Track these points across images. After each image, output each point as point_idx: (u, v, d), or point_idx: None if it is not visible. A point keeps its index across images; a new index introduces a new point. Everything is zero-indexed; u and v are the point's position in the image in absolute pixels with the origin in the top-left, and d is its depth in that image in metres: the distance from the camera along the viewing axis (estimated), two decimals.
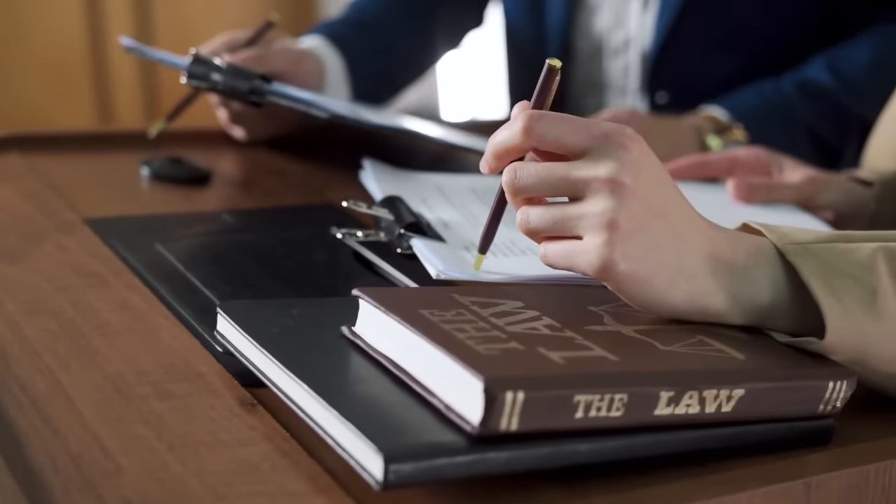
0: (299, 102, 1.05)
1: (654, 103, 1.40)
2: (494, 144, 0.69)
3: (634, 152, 0.66)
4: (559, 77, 0.70)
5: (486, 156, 0.70)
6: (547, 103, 0.70)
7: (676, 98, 1.38)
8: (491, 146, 0.69)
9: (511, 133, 0.68)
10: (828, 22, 1.35)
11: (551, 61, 0.70)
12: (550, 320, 0.64)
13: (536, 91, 0.70)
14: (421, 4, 1.42)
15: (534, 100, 0.70)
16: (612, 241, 0.64)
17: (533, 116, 0.67)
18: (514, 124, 0.68)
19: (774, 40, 1.35)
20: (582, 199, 0.66)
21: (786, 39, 1.35)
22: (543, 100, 0.70)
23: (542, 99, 0.70)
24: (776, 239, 0.68)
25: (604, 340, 0.62)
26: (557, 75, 0.70)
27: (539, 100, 0.70)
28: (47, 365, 0.68)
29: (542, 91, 0.70)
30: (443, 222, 0.87)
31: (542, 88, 0.70)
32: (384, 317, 0.62)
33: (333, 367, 0.62)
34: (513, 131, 0.68)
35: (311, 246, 0.89)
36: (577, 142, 0.66)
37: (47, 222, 0.93)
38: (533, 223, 0.68)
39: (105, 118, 2.75)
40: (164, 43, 1.18)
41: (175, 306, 0.77)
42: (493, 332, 0.60)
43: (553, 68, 0.70)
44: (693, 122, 1.21)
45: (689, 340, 0.64)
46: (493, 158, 0.70)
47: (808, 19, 1.35)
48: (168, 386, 0.65)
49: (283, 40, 1.25)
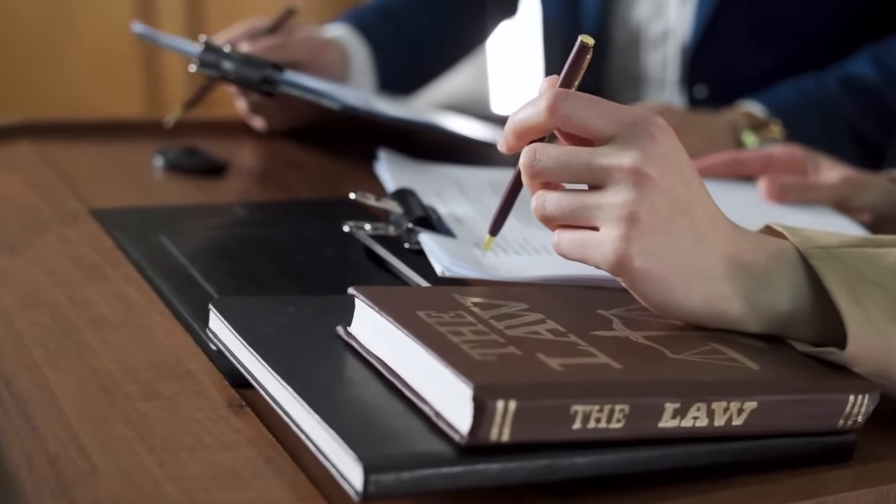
0: (311, 93, 1.03)
1: (692, 97, 1.37)
2: (515, 122, 0.66)
3: (663, 144, 0.63)
4: (591, 55, 0.67)
5: (506, 133, 0.67)
6: (576, 82, 0.67)
7: (716, 92, 1.35)
8: (511, 123, 0.66)
9: (534, 111, 0.65)
10: (872, 16, 1.31)
11: (584, 38, 0.67)
12: (555, 324, 0.62)
13: (565, 68, 0.67)
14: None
15: (562, 77, 0.67)
16: (630, 235, 0.62)
17: (559, 95, 0.64)
18: (539, 102, 0.65)
19: (816, 34, 1.32)
20: (603, 188, 0.63)
21: (827, 33, 1.32)
22: (572, 78, 0.67)
23: (570, 77, 0.67)
24: (799, 242, 0.65)
25: (609, 346, 0.59)
26: (589, 53, 0.67)
27: (568, 78, 0.67)
28: (35, 360, 0.67)
29: (572, 69, 0.67)
30: (455, 217, 0.85)
31: (571, 66, 0.67)
32: (378, 317, 0.60)
33: (324, 370, 0.60)
34: (536, 109, 0.65)
35: (322, 240, 0.88)
36: (604, 126, 0.63)
37: (52, 212, 0.91)
38: (549, 209, 0.65)
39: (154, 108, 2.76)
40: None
41: (173, 302, 0.75)
42: (491, 336, 0.58)
43: (585, 45, 0.67)
44: (729, 118, 1.18)
45: (701, 348, 0.62)
46: (512, 136, 0.67)
47: (853, 11, 1.31)
48: (156, 385, 0.64)
49: (305, 28, 1.23)
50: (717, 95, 1.34)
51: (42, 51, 2.62)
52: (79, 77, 2.66)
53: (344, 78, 1.23)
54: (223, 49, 1.05)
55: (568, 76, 0.67)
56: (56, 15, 2.64)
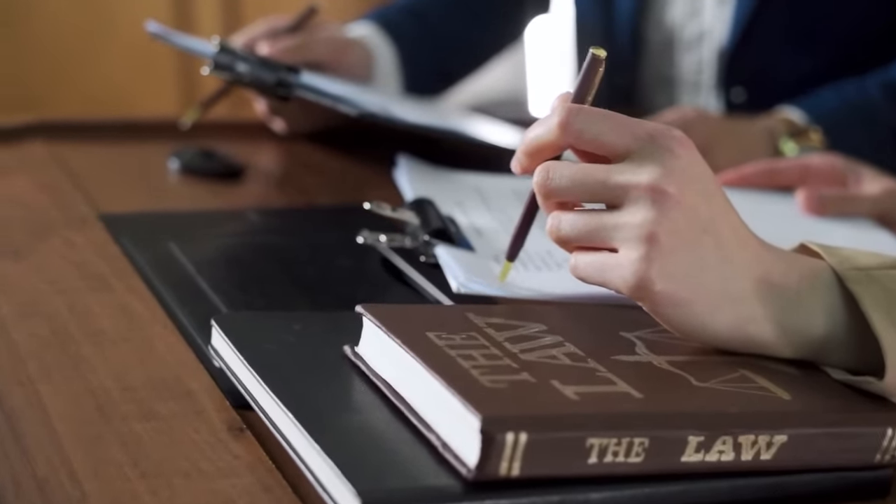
0: (328, 97, 1.01)
1: (729, 101, 1.33)
2: (528, 140, 0.64)
3: (682, 158, 0.60)
4: (603, 68, 0.65)
5: (518, 153, 0.65)
6: (589, 97, 0.65)
7: (753, 96, 1.31)
8: (524, 143, 0.64)
9: (546, 128, 0.63)
10: None
11: (595, 50, 0.64)
12: (573, 347, 0.59)
13: (577, 83, 0.65)
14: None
15: (574, 92, 0.65)
16: (650, 257, 0.59)
17: (571, 110, 0.62)
18: (550, 118, 0.62)
19: (856, 37, 1.29)
20: (620, 207, 0.61)
21: (868, 37, 1.29)
22: (585, 92, 0.65)
23: (583, 91, 0.65)
24: (836, 263, 0.62)
25: (630, 373, 0.57)
26: (601, 66, 0.65)
27: (580, 92, 0.65)
28: (29, 375, 0.65)
29: (584, 83, 0.65)
30: (475, 229, 0.82)
31: (583, 80, 0.65)
32: (386, 338, 0.58)
33: (327, 393, 0.57)
34: (548, 126, 0.63)
35: (337, 250, 0.85)
36: (619, 142, 0.61)
37: (60, 216, 0.89)
38: (564, 231, 0.63)
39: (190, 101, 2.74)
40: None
41: (177, 314, 0.73)
42: (504, 361, 0.55)
43: (597, 58, 0.64)
44: (766, 125, 1.15)
45: (728, 375, 0.59)
46: (525, 156, 0.65)
47: (894, 15, 1.28)
48: (153, 404, 0.62)
49: (328, 27, 1.20)
50: (754, 99, 1.30)
51: (78, 47, 2.62)
52: (115, 73, 2.66)
53: (368, 79, 1.21)
54: (238, 51, 1.02)
55: (580, 90, 0.64)
56: (93, 11, 2.64)
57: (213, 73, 1.02)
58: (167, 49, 1.16)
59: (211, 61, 1.01)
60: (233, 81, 1.04)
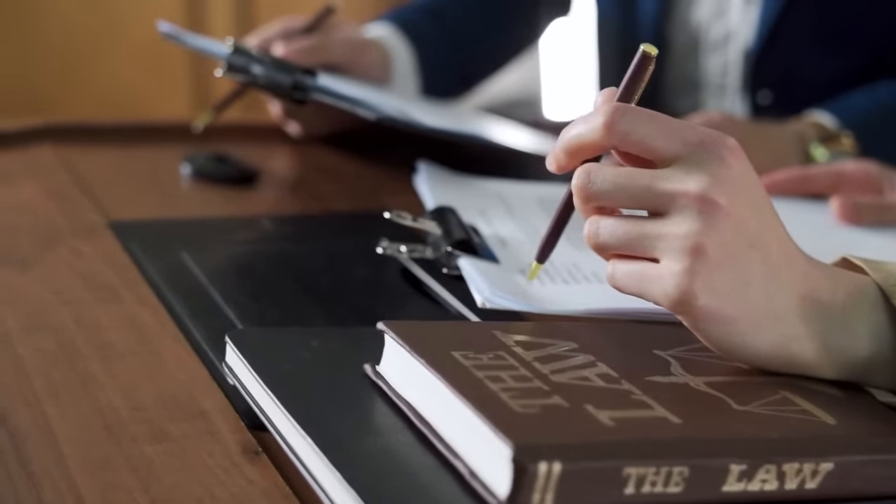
0: (345, 101, 0.98)
1: (755, 104, 1.31)
2: (568, 138, 0.61)
3: (734, 167, 0.58)
4: (653, 66, 0.62)
5: (556, 150, 0.61)
6: (636, 96, 0.62)
7: (781, 99, 1.29)
8: (563, 140, 0.61)
9: (589, 127, 0.60)
10: None
11: (646, 47, 0.61)
12: (606, 368, 0.56)
13: (625, 80, 0.62)
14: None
15: (621, 90, 0.62)
16: (694, 270, 0.57)
17: (618, 110, 0.59)
18: (595, 117, 0.59)
19: (887, 38, 1.26)
20: (665, 215, 0.58)
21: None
22: (632, 91, 0.62)
23: (630, 90, 0.62)
24: (881, 279, 0.59)
25: (667, 396, 0.54)
26: (652, 64, 0.61)
27: (627, 91, 0.62)
28: (35, 393, 0.62)
29: (632, 81, 0.62)
30: (500, 239, 0.79)
31: (632, 78, 0.62)
32: (409, 357, 0.55)
33: (347, 415, 0.55)
34: (592, 125, 0.59)
35: (354, 259, 0.83)
36: (667, 146, 0.58)
37: (68, 224, 0.87)
38: (603, 237, 0.60)
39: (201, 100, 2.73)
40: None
41: (189, 327, 0.70)
42: (535, 383, 0.53)
43: (647, 55, 0.61)
44: (796, 129, 1.12)
45: (769, 398, 0.56)
46: (564, 154, 0.61)
47: None
48: (165, 425, 0.59)
49: (345, 28, 1.18)
50: (782, 102, 1.28)
51: (89, 47, 2.61)
52: (126, 73, 2.64)
53: (385, 81, 1.18)
54: (253, 52, 1.00)
55: (627, 89, 0.61)
56: (103, 11, 2.62)
57: (226, 75, 0.99)
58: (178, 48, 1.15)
59: (225, 63, 0.99)
60: (247, 84, 1.02)
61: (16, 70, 2.53)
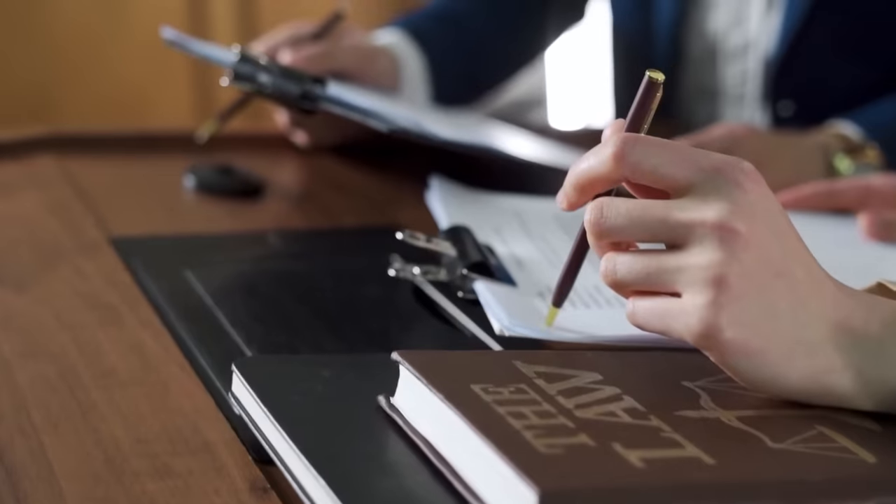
0: (356, 111, 0.96)
1: (776, 115, 1.28)
2: (578, 173, 0.59)
3: (752, 192, 0.56)
4: (661, 94, 0.60)
5: (566, 187, 0.60)
6: (645, 125, 0.60)
7: (802, 109, 1.26)
8: (573, 175, 0.60)
9: (599, 160, 0.58)
10: None
11: (652, 74, 0.60)
12: (633, 402, 0.54)
13: (633, 109, 0.60)
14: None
15: (629, 120, 0.60)
16: (718, 303, 0.55)
17: (627, 140, 0.57)
18: (604, 149, 0.58)
19: None
20: (683, 247, 0.56)
21: None
22: (641, 120, 0.60)
23: (639, 119, 0.60)
24: None
25: (698, 433, 0.52)
26: (659, 91, 0.60)
27: (635, 120, 0.60)
28: (33, 424, 0.60)
29: (640, 109, 0.60)
30: (516, 259, 0.77)
31: (639, 106, 0.60)
32: (426, 390, 0.53)
33: (359, 451, 0.53)
34: (601, 158, 0.58)
35: (364, 278, 0.81)
36: (681, 175, 0.56)
37: (68, 240, 0.85)
38: (620, 274, 0.58)
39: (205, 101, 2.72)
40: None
41: (194, 352, 0.68)
42: (560, 420, 0.51)
43: (654, 83, 0.60)
44: (819, 141, 1.09)
45: (805, 433, 0.54)
46: (574, 190, 0.60)
47: None
48: (169, 459, 0.57)
49: (354, 34, 1.16)
50: (803, 112, 1.25)
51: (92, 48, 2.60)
52: (130, 75, 2.63)
53: (395, 88, 1.16)
54: (260, 60, 0.98)
55: (635, 118, 0.60)
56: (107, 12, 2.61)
57: (233, 84, 0.97)
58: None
59: (231, 71, 0.97)
60: (255, 93, 1.00)
61: (19, 70, 2.51)
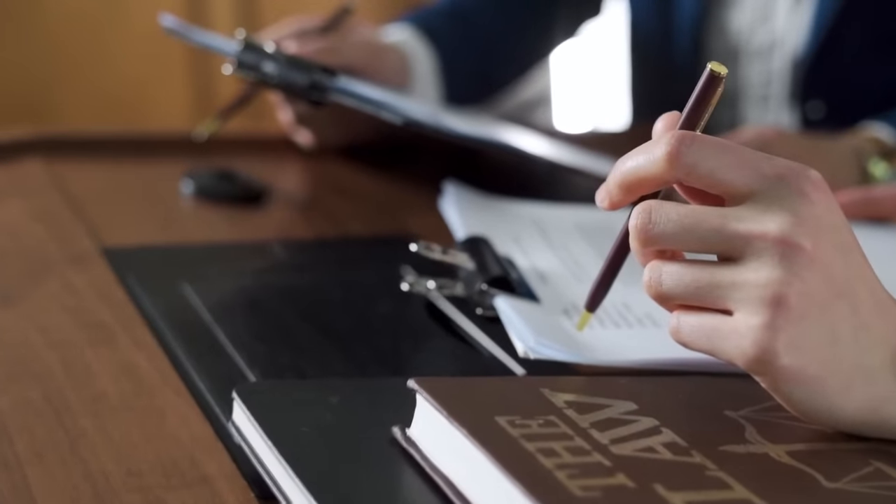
0: (368, 103, 0.92)
1: (805, 117, 1.24)
2: (624, 171, 0.55)
3: (818, 205, 0.52)
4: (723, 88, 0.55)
5: (610, 184, 0.56)
6: (702, 122, 0.56)
7: (833, 111, 1.22)
8: (619, 173, 0.55)
9: (650, 158, 0.54)
10: None
11: (715, 66, 0.54)
12: (673, 435, 0.50)
13: (690, 104, 0.55)
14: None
15: (685, 115, 0.55)
16: (775, 325, 0.51)
17: (683, 139, 0.53)
18: (656, 147, 0.53)
19: None
20: (739, 260, 0.52)
21: None
22: (698, 117, 0.55)
23: (696, 116, 0.55)
24: None
25: (746, 471, 0.48)
26: (721, 85, 0.55)
27: (692, 116, 0.55)
28: (16, 454, 0.56)
29: (698, 105, 0.55)
30: (538, 272, 0.73)
31: (697, 101, 0.55)
32: (447, 423, 0.49)
33: (372, 489, 0.49)
34: (652, 156, 0.53)
35: (374, 292, 0.77)
36: (740, 181, 0.52)
37: (57, 251, 0.81)
38: (667, 285, 0.54)
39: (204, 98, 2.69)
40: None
41: (191, 375, 0.64)
42: (594, 457, 0.47)
43: (716, 76, 0.55)
44: (852, 144, 1.06)
45: (862, 471, 0.50)
46: (619, 189, 0.55)
47: None
48: (163, 494, 0.53)
49: (362, 30, 1.12)
50: (834, 114, 1.22)
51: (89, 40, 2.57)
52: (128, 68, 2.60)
53: (404, 86, 1.13)
54: (265, 49, 0.94)
55: (692, 114, 0.55)
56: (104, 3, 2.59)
57: (236, 72, 0.93)
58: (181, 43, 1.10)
59: (234, 59, 0.93)
60: (260, 82, 0.96)
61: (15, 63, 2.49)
